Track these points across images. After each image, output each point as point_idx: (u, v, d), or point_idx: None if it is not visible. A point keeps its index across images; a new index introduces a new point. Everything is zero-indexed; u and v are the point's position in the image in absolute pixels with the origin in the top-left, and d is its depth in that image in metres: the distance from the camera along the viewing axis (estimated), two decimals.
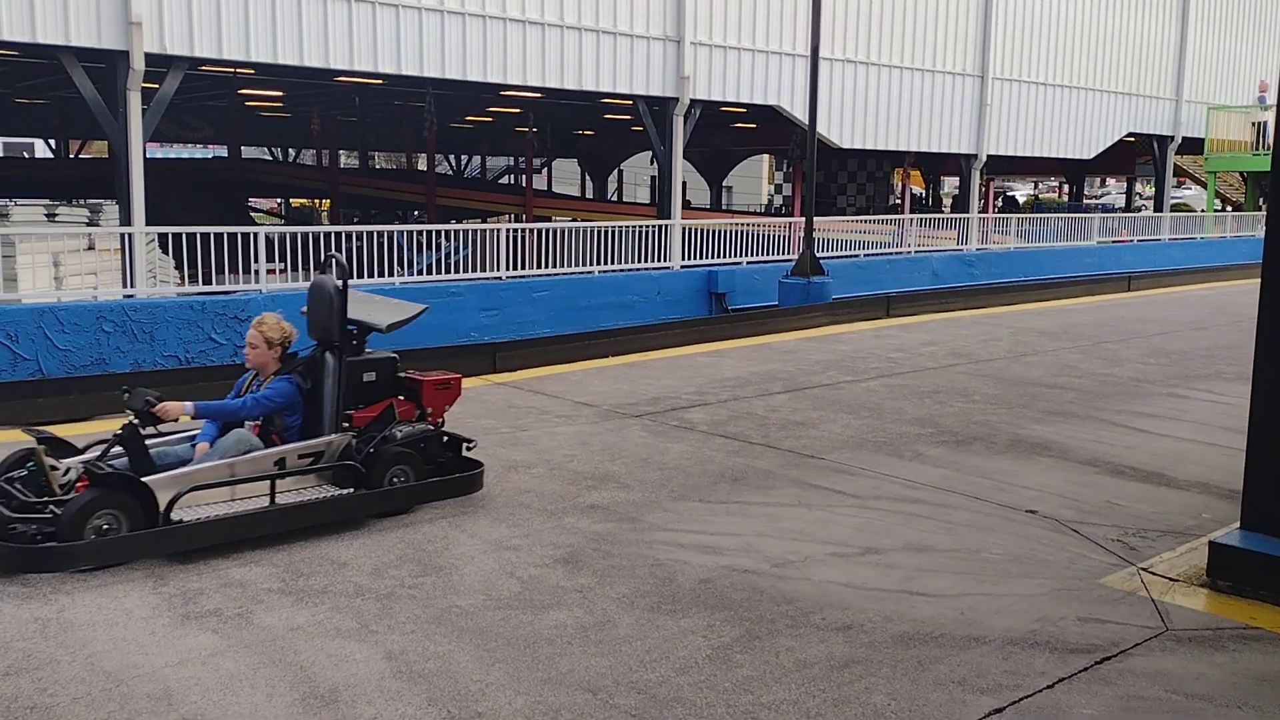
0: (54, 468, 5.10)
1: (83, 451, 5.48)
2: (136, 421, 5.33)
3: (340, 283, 5.94)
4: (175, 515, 5.05)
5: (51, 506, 4.91)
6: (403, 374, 6.30)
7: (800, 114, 18.33)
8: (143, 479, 5.08)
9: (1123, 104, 25.50)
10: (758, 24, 18.21)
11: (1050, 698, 3.93)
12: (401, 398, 6.16)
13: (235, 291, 12.51)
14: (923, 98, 21.19)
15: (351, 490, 5.63)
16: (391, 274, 13.77)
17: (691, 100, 17.45)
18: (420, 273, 14.48)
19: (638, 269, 16.54)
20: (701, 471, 6.76)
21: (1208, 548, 5.14)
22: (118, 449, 5.38)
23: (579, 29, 16.09)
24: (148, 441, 5.47)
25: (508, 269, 14.90)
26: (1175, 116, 26.99)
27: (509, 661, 4.09)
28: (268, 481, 5.38)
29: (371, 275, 13.51)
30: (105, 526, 4.89)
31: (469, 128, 34.45)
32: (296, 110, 30.11)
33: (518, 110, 27.07)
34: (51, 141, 34.91)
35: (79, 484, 5.03)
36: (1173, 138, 27.23)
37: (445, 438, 6.12)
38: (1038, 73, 23.32)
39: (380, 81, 18.44)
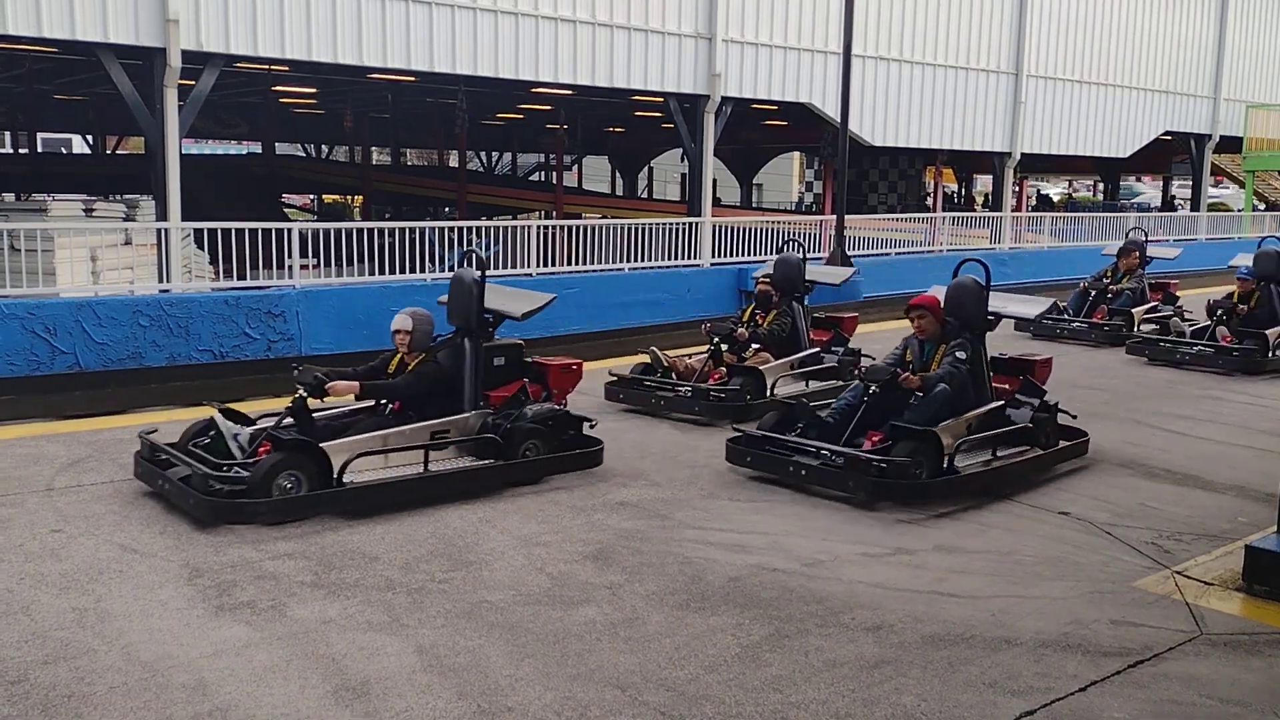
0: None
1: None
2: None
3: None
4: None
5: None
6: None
7: (832, 111, 18.23)
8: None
9: (1159, 102, 25.17)
10: (790, 21, 18.12)
11: (1082, 701, 3.90)
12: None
13: (269, 287, 12.60)
14: (956, 95, 21.01)
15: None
16: (423, 270, 13.83)
17: (722, 97, 17.38)
18: (451, 269, 14.50)
19: (668, 266, 16.52)
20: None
21: (1244, 552, 5.08)
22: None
23: (610, 26, 16.08)
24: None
25: (538, 266, 14.93)
26: (1213, 115, 26.61)
27: (539, 657, 4.10)
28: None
29: (404, 271, 13.57)
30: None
31: (500, 125, 34.50)
32: (330, 107, 30.28)
33: (549, 107, 27.09)
34: (89, 138, 35.30)
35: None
36: (1210, 136, 26.85)
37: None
38: (1073, 70, 23.07)
39: (413, 79, 18.51)
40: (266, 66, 17.83)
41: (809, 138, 25.74)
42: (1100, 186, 42.40)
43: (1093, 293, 13.04)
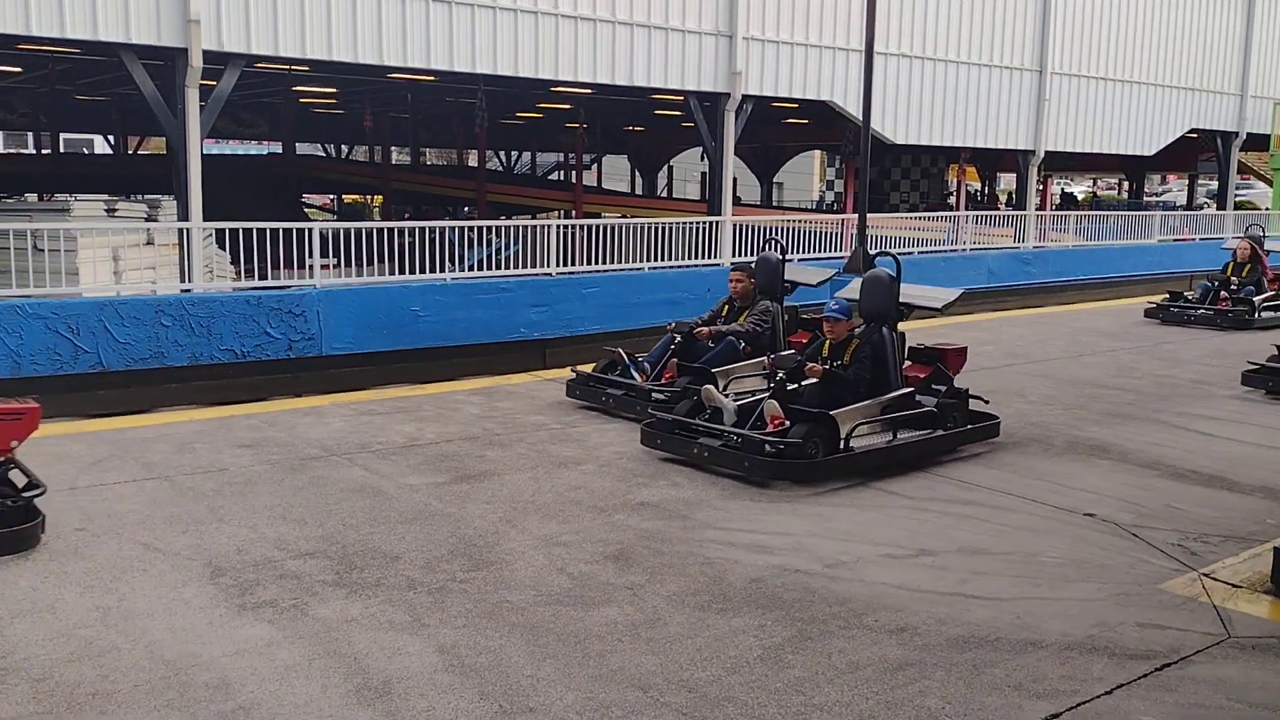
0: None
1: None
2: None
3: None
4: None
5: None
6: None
7: (854, 109, 18.16)
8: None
9: (1185, 99, 24.94)
10: (811, 18, 18.05)
11: (1109, 704, 3.86)
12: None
13: (289, 286, 12.65)
14: (979, 93, 20.89)
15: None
16: (443, 269, 13.85)
17: (743, 96, 17.33)
18: (471, 269, 14.54)
19: (688, 265, 16.49)
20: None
21: (1272, 554, 5.02)
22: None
23: (630, 24, 16.06)
24: None
25: (557, 265, 14.92)
26: (1240, 112, 26.35)
27: (560, 657, 4.09)
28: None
29: (424, 270, 13.59)
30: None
31: (519, 124, 34.57)
32: (349, 107, 30.41)
33: (568, 106, 27.12)
34: (111, 138, 35.56)
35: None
36: (1237, 133, 26.59)
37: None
38: (1098, 67, 22.89)
39: (432, 78, 18.55)
40: (287, 66, 17.91)
41: (830, 136, 25.66)
42: (1126, 185, 42.07)
43: (677, 338, 8.55)
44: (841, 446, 6.60)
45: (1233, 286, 14.30)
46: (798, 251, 18.19)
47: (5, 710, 3.58)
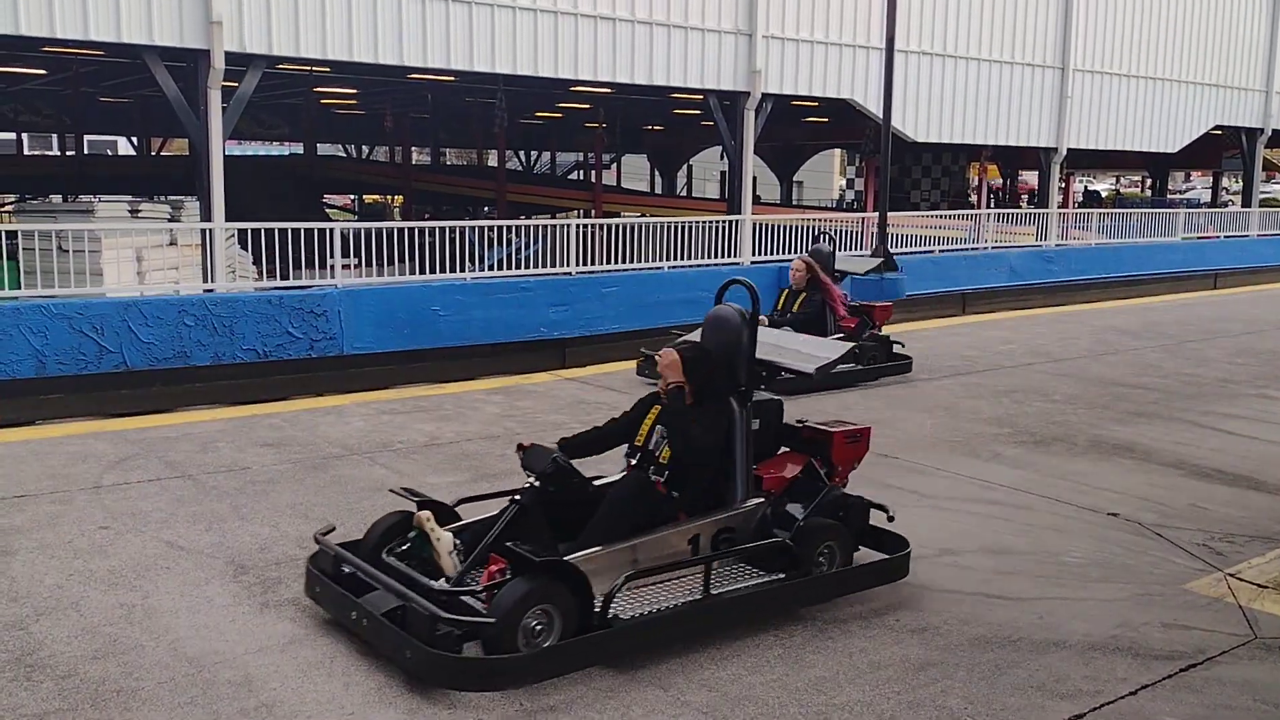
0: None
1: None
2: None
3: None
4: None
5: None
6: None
7: (874, 107, 18.09)
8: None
9: (1209, 96, 24.72)
10: (831, 16, 18.00)
11: (1132, 704, 3.83)
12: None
13: (311, 286, 12.71)
14: (1001, 90, 20.77)
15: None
16: (463, 269, 13.89)
17: (763, 94, 17.30)
18: (491, 268, 14.58)
19: (708, 265, 16.48)
20: None
21: None
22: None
23: (650, 23, 16.05)
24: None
25: (577, 265, 14.93)
26: (1265, 108, 26.09)
27: None
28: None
29: (444, 270, 13.64)
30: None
31: (539, 124, 34.63)
32: (370, 108, 30.54)
33: (587, 106, 27.15)
34: (134, 139, 35.85)
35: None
36: (1262, 130, 26.34)
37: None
38: (1121, 64, 22.72)
39: (452, 78, 18.61)
40: (308, 68, 17.99)
41: (851, 134, 25.60)
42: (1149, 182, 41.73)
43: None
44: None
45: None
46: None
47: (31, 707, 3.62)
